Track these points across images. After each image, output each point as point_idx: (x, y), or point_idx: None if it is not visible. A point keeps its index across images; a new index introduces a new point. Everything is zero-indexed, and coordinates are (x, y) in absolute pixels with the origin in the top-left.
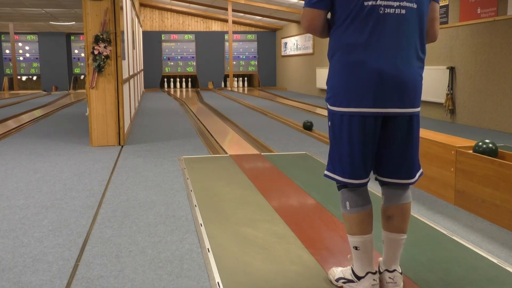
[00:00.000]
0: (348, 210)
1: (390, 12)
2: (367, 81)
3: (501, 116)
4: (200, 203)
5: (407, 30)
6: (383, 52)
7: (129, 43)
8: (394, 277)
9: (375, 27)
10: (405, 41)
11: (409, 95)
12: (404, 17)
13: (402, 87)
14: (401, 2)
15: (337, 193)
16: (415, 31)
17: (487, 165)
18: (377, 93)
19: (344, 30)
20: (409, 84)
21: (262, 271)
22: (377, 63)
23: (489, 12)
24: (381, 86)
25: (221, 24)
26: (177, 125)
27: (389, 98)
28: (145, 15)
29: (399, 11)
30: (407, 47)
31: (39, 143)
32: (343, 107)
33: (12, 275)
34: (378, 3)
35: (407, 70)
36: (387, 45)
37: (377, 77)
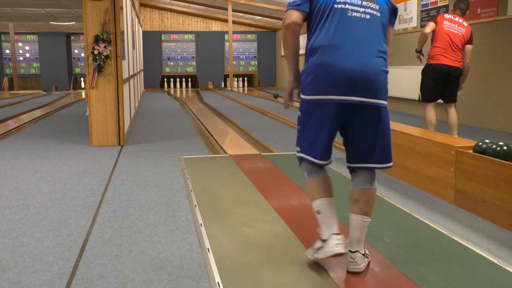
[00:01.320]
0: (306, 178)
1: (356, 15)
2: (338, 76)
3: (501, 116)
4: (200, 203)
5: (370, 32)
6: (350, 50)
7: (129, 43)
8: (355, 257)
9: (344, 28)
10: (369, 41)
11: (374, 88)
12: (368, 21)
13: (368, 80)
14: (366, 9)
15: (337, 193)
16: (378, 34)
17: (487, 165)
18: (345, 84)
19: (317, 33)
20: (373, 78)
21: (262, 271)
22: (346, 61)
23: (489, 12)
24: (349, 79)
25: (221, 24)
26: (177, 125)
27: (355, 89)
28: (145, 15)
29: (364, 16)
30: (371, 46)
31: (39, 143)
32: (313, 95)
33: (12, 275)
34: (346, 7)
35: (372, 66)
36: (354, 44)
37: (346, 73)
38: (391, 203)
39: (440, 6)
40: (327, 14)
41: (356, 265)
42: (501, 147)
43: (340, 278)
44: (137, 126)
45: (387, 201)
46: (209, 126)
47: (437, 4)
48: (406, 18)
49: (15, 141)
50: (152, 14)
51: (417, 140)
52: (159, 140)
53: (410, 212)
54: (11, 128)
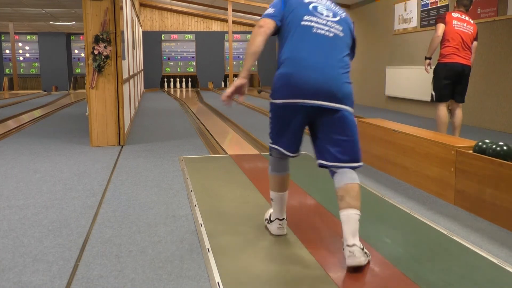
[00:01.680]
0: (270, 172)
1: (321, 32)
2: (301, 84)
3: (501, 116)
4: (200, 203)
5: (333, 47)
6: (313, 61)
7: (129, 43)
8: (353, 251)
9: (309, 42)
10: (331, 54)
11: (336, 96)
12: (331, 38)
13: (329, 89)
14: (330, 28)
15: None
16: (341, 49)
17: (487, 165)
18: (308, 91)
19: (285, 47)
20: (334, 88)
21: (262, 271)
22: (309, 71)
23: (489, 12)
24: (312, 87)
25: (221, 24)
26: (177, 125)
27: (317, 96)
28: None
29: (328, 34)
30: (333, 59)
31: (39, 143)
32: (280, 99)
33: (12, 275)
34: (312, 24)
35: (333, 76)
36: (317, 56)
37: (308, 82)
38: (391, 203)
39: (440, 6)
40: (294, 29)
41: (355, 258)
42: (501, 147)
43: (340, 278)
44: (137, 126)
45: (387, 201)
46: (209, 126)
47: (437, 4)
48: (406, 18)
49: (15, 141)
50: (152, 14)
51: (417, 140)
52: (159, 140)
53: (410, 212)
54: (11, 128)
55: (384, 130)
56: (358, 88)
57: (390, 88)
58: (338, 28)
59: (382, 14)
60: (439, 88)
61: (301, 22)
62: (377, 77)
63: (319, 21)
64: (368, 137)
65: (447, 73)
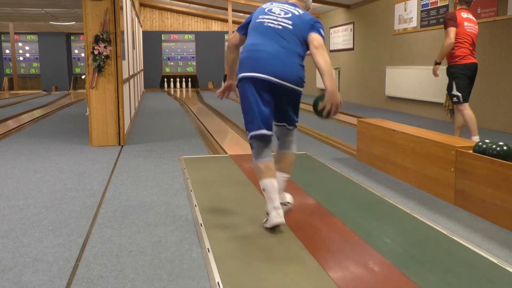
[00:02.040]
0: (254, 161)
1: (271, 25)
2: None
3: (501, 116)
4: (200, 203)
5: (280, 35)
6: (268, 47)
7: (129, 43)
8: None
9: (261, 32)
10: (281, 42)
11: (286, 73)
12: (280, 29)
13: (282, 67)
14: (280, 22)
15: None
16: (288, 37)
17: (487, 165)
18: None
19: (248, 38)
20: (286, 66)
21: (262, 271)
22: (265, 54)
23: (489, 12)
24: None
25: (221, 24)
26: (177, 125)
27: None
28: (145, 15)
29: (277, 26)
30: (283, 45)
31: (39, 143)
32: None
33: (12, 275)
34: (264, 20)
35: (279, 56)
36: (267, 42)
37: (261, 60)
38: (391, 203)
39: (440, 6)
40: (252, 26)
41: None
42: (501, 147)
43: (340, 278)
44: (137, 126)
45: (387, 201)
46: (209, 126)
47: (437, 4)
48: (406, 18)
49: (15, 141)
50: (152, 14)
51: (417, 140)
52: (159, 140)
53: (410, 212)
54: (11, 128)
55: (384, 130)
56: (358, 88)
57: (390, 88)
58: (288, 22)
59: (382, 14)
60: (464, 88)
61: (256, 20)
62: (377, 77)
63: (270, 17)
64: (368, 137)
65: (468, 73)
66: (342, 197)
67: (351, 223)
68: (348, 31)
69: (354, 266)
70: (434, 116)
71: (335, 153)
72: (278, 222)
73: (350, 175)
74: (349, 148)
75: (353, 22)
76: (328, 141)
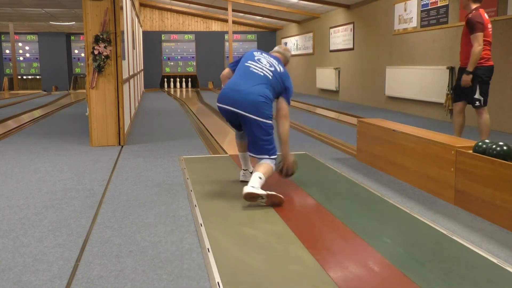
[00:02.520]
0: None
1: (254, 70)
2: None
3: (501, 116)
4: (200, 203)
5: (259, 80)
6: (242, 84)
7: (129, 43)
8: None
9: (244, 74)
10: (256, 83)
11: (251, 108)
12: (261, 75)
13: (246, 102)
14: (263, 70)
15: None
16: (265, 82)
17: (487, 165)
18: (233, 101)
19: (234, 75)
20: (250, 102)
21: (262, 271)
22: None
23: (489, 12)
24: (235, 99)
25: (221, 24)
26: (177, 125)
27: (238, 105)
28: (145, 15)
29: (260, 72)
30: (256, 85)
31: (39, 143)
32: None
33: (12, 275)
34: (249, 64)
35: (251, 94)
36: (245, 82)
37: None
38: (391, 203)
39: (440, 6)
40: (240, 67)
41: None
42: (501, 147)
43: (340, 278)
44: (137, 126)
45: (387, 201)
46: (209, 126)
47: (437, 4)
48: (406, 18)
49: (15, 141)
50: (152, 14)
51: (417, 140)
52: (159, 140)
53: (410, 212)
54: (11, 128)
55: (384, 130)
56: (358, 88)
57: (390, 88)
58: (269, 72)
59: (382, 14)
60: (486, 91)
61: (245, 63)
62: (377, 77)
63: (257, 65)
64: (368, 137)
65: (490, 75)
66: (342, 197)
67: (351, 223)
68: (348, 31)
69: (354, 266)
70: (434, 116)
71: (335, 153)
72: (242, 179)
73: (350, 175)
74: (349, 148)
75: (353, 22)
76: (328, 141)
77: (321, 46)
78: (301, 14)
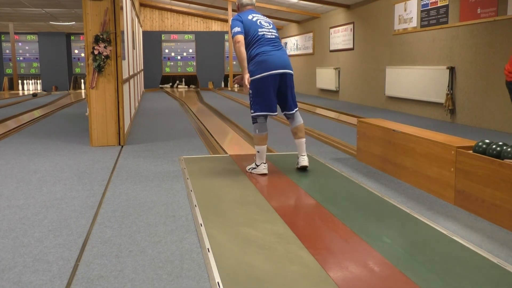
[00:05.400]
0: (257, 133)
1: (269, 36)
2: (271, 63)
3: (501, 116)
4: (200, 203)
5: (277, 42)
6: (273, 51)
7: (129, 43)
8: (305, 157)
9: (267, 42)
10: (278, 47)
11: (288, 66)
12: (273, 38)
13: (285, 63)
14: (272, 33)
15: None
16: (279, 42)
17: (487, 165)
18: (276, 66)
19: (253, 47)
20: (287, 62)
21: (262, 271)
22: (274, 56)
23: (489, 12)
24: (277, 64)
25: (221, 24)
26: (177, 125)
27: (280, 67)
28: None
29: (271, 36)
30: (281, 50)
31: (39, 143)
32: (259, 74)
33: (12, 275)
34: (263, 33)
35: (285, 56)
36: (273, 48)
37: (275, 62)
38: (391, 203)
39: (440, 6)
40: (256, 36)
41: (304, 161)
42: (501, 147)
43: (340, 278)
44: (137, 126)
45: (387, 201)
46: (209, 126)
47: (437, 4)
48: (406, 18)
49: (15, 141)
50: (152, 14)
51: (417, 140)
52: (159, 140)
53: (410, 212)
54: (11, 128)
55: (384, 130)
56: (358, 88)
57: (390, 88)
58: (274, 32)
59: (382, 14)
60: None
61: (258, 33)
62: (377, 77)
63: (265, 31)
64: (368, 137)
65: None
66: (342, 197)
67: (351, 223)
68: (348, 31)
69: (354, 266)
70: (434, 116)
71: (335, 153)
72: (265, 172)
73: (350, 175)
74: (349, 148)
75: (353, 22)
76: (328, 141)
77: (321, 46)
78: (301, 14)
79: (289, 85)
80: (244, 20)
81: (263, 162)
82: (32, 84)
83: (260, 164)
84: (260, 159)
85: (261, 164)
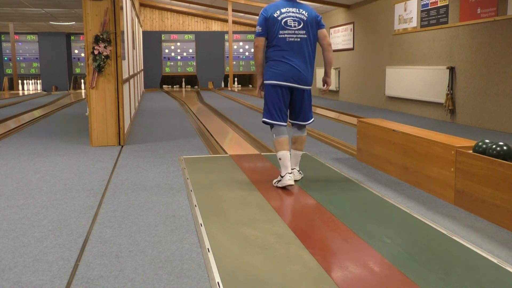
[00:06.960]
0: (274, 137)
1: (291, 40)
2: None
3: (501, 116)
4: (200, 203)
5: (300, 48)
6: (291, 59)
7: (129, 43)
8: (293, 171)
9: (286, 47)
10: (300, 54)
11: (303, 80)
12: (299, 42)
13: (300, 75)
14: (297, 36)
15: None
16: (305, 48)
17: (487, 165)
18: (289, 77)
19: (271, 50)
20: (303, 75)
21: (262, 271)
22: (288, 65)
23: (489, 12)
24: (291, 75)
25: (221, 24)
26: (177, 125)
27: (293, 80)
28: (145, 15)
29: (296, 39)
30: (302, 56)
31: (39, 143)
32: (273, 81)
33: (12, 275)
34: (285, 36)
35: (303, 67)
36: (292, 55)
37: (289, 72)
38: (391, 203)
39: (440, 6)
40: (276, 39)
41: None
42: (501, 147)
43: (340, 278)
44: (137, 126)
45: (387, 201)
46: (209, 126)
47: (437, 4)
48: (406, 18)
49: (15, 141)
50: (152, 14)
51: (417, 140)
52: (159, 140)
53: (410, 212)
54: (11, 128)
55: (384, 130)
56: (358, 88)
57: (390, 88)
58: (302, 33)
59: (382, 14)
60: None
61: (278, 35)
62: (377, 77)
63: (289, 33)
64: (368, 137)
65: None
66: (342, 197)
67: (351, 223)
68: (348, 31)
69: (354, 266)
70: (434, 116)
71: (335, 153)
72: (291, 183)
73: (350, 175)
74: (349, 148)
75: (353, 22)
76: (328, 141)
77: None
78: None
79: (304, 100)
80: (269, 17)
81: (288, 172)
82: (32, 84)
83: (284, 174)
84: (284, 168)
85: (286, 174)
